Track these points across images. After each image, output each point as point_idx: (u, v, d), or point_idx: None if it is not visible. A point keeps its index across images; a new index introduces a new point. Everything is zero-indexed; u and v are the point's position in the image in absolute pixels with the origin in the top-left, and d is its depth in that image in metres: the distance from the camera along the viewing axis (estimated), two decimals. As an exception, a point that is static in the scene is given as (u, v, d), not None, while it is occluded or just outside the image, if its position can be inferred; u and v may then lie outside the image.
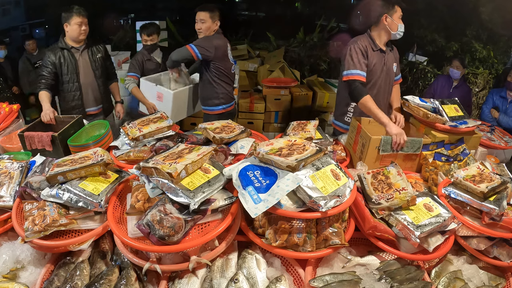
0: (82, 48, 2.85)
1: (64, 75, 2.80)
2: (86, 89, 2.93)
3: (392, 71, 2.49)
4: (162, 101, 3.05)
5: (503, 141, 2.51)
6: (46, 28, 7.26)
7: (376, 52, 2.38)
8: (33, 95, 5.17)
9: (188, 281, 1.35)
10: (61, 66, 2.77)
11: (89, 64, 2.90)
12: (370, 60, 2.35)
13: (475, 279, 1.54)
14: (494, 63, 5.60)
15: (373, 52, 2.36)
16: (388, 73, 2.46)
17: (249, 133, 2.17)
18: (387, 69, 2.44)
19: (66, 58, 2.77)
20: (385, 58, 2.42)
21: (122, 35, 6.41)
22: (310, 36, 6.24)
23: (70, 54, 2.79)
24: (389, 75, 2.47)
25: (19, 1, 7.88)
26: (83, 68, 2.87)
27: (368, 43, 2.37)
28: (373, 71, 2.38)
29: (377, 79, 2.41)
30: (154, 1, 9.21)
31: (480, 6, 5.44)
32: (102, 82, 3.03)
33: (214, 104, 3.05)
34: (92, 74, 2.93)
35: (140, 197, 1.47)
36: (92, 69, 2.92)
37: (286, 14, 8.59)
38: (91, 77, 2.94)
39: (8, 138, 2.25)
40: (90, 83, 2.94)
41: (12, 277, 1.40)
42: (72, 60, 2.79)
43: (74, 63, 2.80)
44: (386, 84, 2.48)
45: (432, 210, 1.55)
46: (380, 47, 2.39)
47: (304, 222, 1.40)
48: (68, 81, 2.83)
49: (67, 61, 2.78)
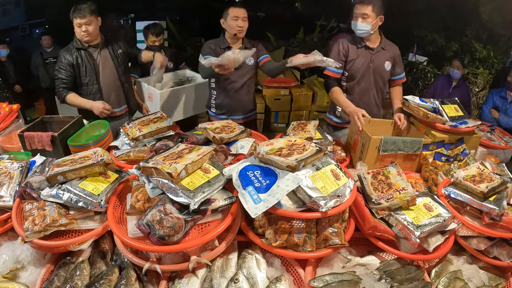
0: (100, 45, 2.64)
1: (82, 77, 2.61)
2: (108, 90, 2.73)
3: (383, 69, 2.49)
4: (152, 101, 3.02)
5: (503, 141, 2.51)
6: (46, 28, 7.26)
7: (361, 49, 2.45)
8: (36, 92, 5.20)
9: (188, 281, 1.35)
10: (79, 67, 2.58)
11: (111, 62, 2.70)
12: (351, 57, 2.45)
13: (475, 279, 1.54)
14: (494, 63, 5.60)
15: (356, 49, 2.45)
16: (377, 71, 2.48)
17: (249, 133, 2.17)
18: (374, 66, 2.46)
19: (84, 59, 2.58)
20: (372, 55, 2.44)
21: (122, 35, 6.42)
22: (310, 36, 6.25)
23: (88, 54, 2.59)
24: (379, 72, 2.49)
25: (19, 1, 7.88)
26: (104, 67, 2.67)
27: (353, 40, 2.47)
28: (355, 68, 2.46)
29: (363, 76, 2.48)
30: (154, 1, 9.20)
31: (480, 6, 5.44)
32: (126, 80, 2.83)
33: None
34: (114, 72, 2.73)
35: (140, 197, 1.47)
36: (115, 66, 2.72)
37: (286, 14, 8.59)
38: (114, 76, 2.74)
39: (8, 138, 2.25)
40: (112, 83, 2.74)
41: (12, 277, 1.40)
42: (90, 60, 2.60)
43: (93, 63, 2.61)
44: (376, 81, 2.51)
45: (432, 210, 1.55)
46: (365, 44, 2.43)
47: (304, 222, 1.40)
48: (87, 83, 2.64)
49: (85, 61, 2.59)
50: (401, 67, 2.58)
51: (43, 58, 5.00)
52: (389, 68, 2.51)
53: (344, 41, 2.49)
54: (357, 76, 2.49)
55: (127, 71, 2.84)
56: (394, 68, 2.54)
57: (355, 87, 2.52)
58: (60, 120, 2.28)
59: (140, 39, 4.96)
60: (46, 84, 4.96)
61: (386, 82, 2.58)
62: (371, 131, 2.00)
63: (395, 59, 2.53)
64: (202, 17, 8.12)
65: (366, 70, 2.46)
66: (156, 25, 3.44)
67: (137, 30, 5.28)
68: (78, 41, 2.58)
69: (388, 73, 2.53)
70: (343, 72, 2.53)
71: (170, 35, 6.00)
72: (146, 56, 2.83)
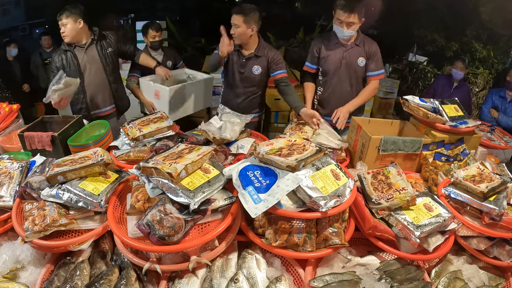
0: (87, 45, 2.65)
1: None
2: (92, 90, 2.72)
3: (357, 65, 2.54)
4: (159, 99, 3.03)
5: (503, 141, 2.51)
6: (46, 28, 7.25)
7: (335, 45, 2.54)
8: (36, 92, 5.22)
9: (188, 281, 1.35)
10: (64, 69, 2.57)
11: (98, 61, 2.69)
12: (324, 54, 2.57)
13: (475, 279, 1.54)
14: (494, 63, 5.60)
15: (331, 46, 2.55)
16: (350, 66, 2.54)
17: (249, 133, 2.18)
18: (347, 62, 2.53)
19: (68, 60, 2.63)
20: (345, 51, 2.52)
21: (122, 35, 6.41)
22: (310, 36, 6.24)
23: (73, 55, 2.63)
24: (352, 68, 2.55)
25: (19, 1, 7.87)
26: (90, 67, 2.68)
27: (328, 37, 2.57)
28: (329, 62, 2.57)
29: (336, 71, 2.57)
30: (154, 1, 9.18)
31: (480, 6, 5.43)
32: (115, 79, 2.81)
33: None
34: (102, 71, 2.72)
35: (140, 197, 1.47)
36: (102, 65, 2.71)
37: (286, 14, 8.58)
38: (101, 76, 2.73)
39: (8, 138, 2.25)
40: (98, 83, 2.73)
41: (12, 277, 1.40)
42: (74, 61, 2.63)
43: (76, 64, 2.63)
44: (350, 76, 2.58)
45: (432, 210, 1.55)
46: (339, 41, 2.51)
47: (304, 222, 1.40)
48: None
49: (69, 63, 2.63)
50: (377, 63, 2.55)
51: (42, 58, 5.01)
52: (363, 64, 2.55)
53: (319, 39, 2.63)
54: (330, 72, 2.59)
55: (116, 70, 2.83)
56: (369, 64, 2.55)
57: (328, 82, 2.63)
58: (60, 120, 2.28)
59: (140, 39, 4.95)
60: (46, 84, 4.96)
61: (361, 78, 2.61)
62: (371, 131, 2.00)
63: (370, 55, 2.52)
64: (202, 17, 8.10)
65: (339, 66, 2.55)
66: (152, 21, 3.49)
67: (137, 30, 5.27)
68: (65, 43, 2.64)
69: (362, 69, 2.56)
70: (318, 68, 2.65)
71: (170, 35, 5.99)
72: (145, 61, 2.88)
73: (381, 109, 5.10)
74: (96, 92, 2.75)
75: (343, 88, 2.61)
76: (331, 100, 2.64)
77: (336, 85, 2.61)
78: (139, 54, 2.90)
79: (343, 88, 2.61)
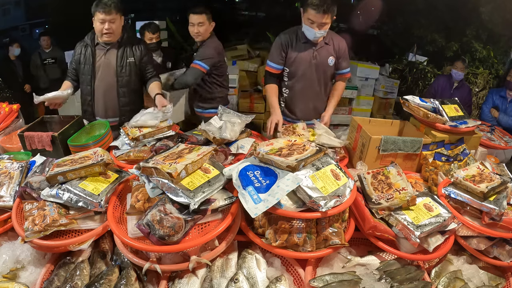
0: (109, 47, 2.39)
1: (81, 74, 2.44)
2: (101, 96, 2.47)
3: (327, 64, 2.44)
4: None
5: (503, 141, 2.51)
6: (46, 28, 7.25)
7: (304, 44, 2.38)
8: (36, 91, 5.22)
9: (188, 281, 1.35)
10: (80, 64, 2.41)
11: (112, 68, 2.41)
12: (293, 52, 2.40)
13: (475, 279, 1.54)
14: (494, 63, 5.61)
15: (299, 45, 2.39)
16: (320, 66, 2.43)
17: (249, 133, 2.17)
18: (317, 62, 2.41)
19: (87, 57, 2.39)
20: (314, 51, 2.39)
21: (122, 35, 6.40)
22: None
23: (92, 53, 2.38)
24: (322, 67, 2.44)
25: (19, 1, 7.86)
26: (103, 71, 2.42)
27: (296, 34, 2.40)
28: (297, 62, 2.41)
29: (305, 70, 2.43)
30: (154, 1, 9.19)
31: (480, 6, 5.44)
32: (125, 93, 2.48)
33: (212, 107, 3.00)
34: (113, 79, 2.43)
35: (140, 197, 1.47)
36: (116, 74, 2.42)
37: (286, 14, 8.57)
38: (110, 84, 2.44)
39: (8, 138, 2.25)
40: (107, 90, 2.46)
41: (12, 277, 1.40)
42: (91, 60, 2.38)
43: (92, 63, 2.39)
44: (319, 76, 2.46)
45: (432, 210, 1.55)
46: (308, 39, 2.36)
47: (304, 222, 1.40)
48: (83, 82, 2.46)
49: (86, 59, 2.39)
50: (346, 61, 2.50)
51: (42, 58, 5.01)
52: (333, 63, 2.46)
53: (286, 36, 2.41)
54: (298, 73, 2.44)
55: (131, 84, 2.49)
56: (339, 62, 2.48)
57: (296, 84, 2.48)
58: (60, 120, 2.28)
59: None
60: (45, 84, 4.97)
61: (329, 77, 2.54)
62: (371, 131, 2.00)
63: (339, 53, 2.45)
64: (202, 17, 8.10)
65: (308, 67, 2.42)
66: (150, 23, 3.46)
67: (136, 30, 5.28)
68: (88, 38, 2.40)
69: (332, 68, 2.49)
70: (283, 68, 2.48)
71: (170, 35, 5.98)
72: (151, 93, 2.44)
73: (381, 109, 5.10)
74: (103, 100, 2.49)
75: (312, 89, 2.49)
76: (299, 103, 2.52)
77: (304, 87, 2.48)
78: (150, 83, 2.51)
79: (312, 89, 2.49)
